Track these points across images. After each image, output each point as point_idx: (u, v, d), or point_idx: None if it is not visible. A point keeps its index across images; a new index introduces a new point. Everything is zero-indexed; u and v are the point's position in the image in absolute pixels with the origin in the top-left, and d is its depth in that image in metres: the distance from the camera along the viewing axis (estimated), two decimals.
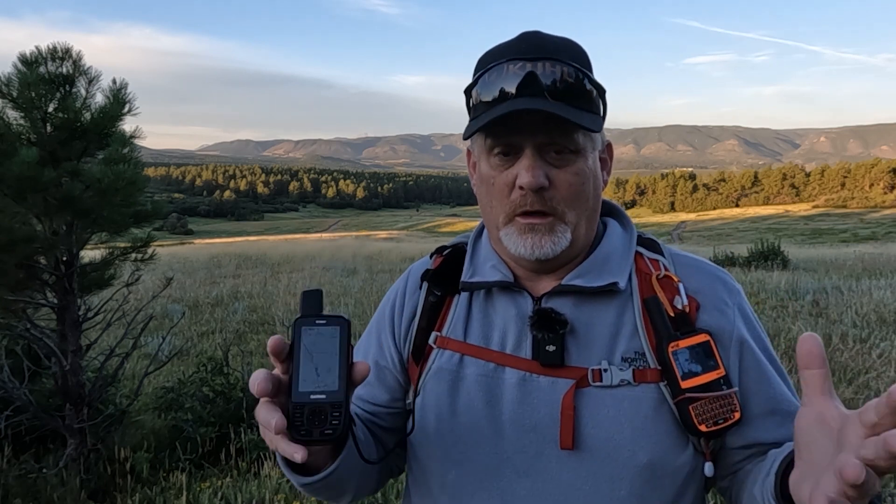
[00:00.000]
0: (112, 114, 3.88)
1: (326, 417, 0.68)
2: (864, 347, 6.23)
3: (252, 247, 27.18)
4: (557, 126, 0.81)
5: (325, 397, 0.68)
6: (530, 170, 0.81)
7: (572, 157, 0.84)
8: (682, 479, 0.85)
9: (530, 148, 0.82)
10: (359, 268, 15.72)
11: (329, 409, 0.68)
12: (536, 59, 0.81)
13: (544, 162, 0.83)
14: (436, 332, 0.94)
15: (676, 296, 0.87)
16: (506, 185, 0.85)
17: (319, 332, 0.70)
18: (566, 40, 0.85)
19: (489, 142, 0.86)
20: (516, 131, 0.82)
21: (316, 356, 0.70)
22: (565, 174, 0.83)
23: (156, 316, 7.36)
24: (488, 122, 0.81)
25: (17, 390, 3.79)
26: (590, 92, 0.83)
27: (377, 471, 0.96)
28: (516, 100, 0.80)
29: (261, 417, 0.68)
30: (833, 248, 27.92)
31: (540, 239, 0.84)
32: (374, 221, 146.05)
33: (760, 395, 0.87)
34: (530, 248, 0.85)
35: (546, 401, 0.85)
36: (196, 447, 4.27)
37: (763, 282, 10.42)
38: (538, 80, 0.80)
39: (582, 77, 0.82)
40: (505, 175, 0.85)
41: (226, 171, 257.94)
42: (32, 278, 3.87)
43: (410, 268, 1.06)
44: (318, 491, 0.83)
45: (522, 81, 0.80)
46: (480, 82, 0.84)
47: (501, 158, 0.85)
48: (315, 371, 0.69)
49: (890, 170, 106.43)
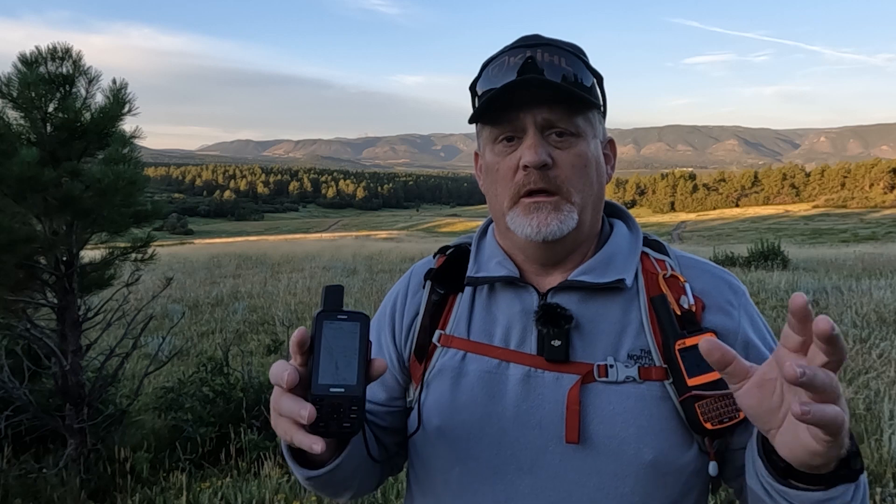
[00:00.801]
0: (112, 114, 3.88)
1: (345, 411, 0.69)
2: (864, 347, 6.23)
3: (252, 247, 27.19)
4: (559, 105, 0.83)
5: (343, 391, 0.69)
6: (532, 147, 0.83)
7: (573, 139, 0.86)
8: (687, 477, 0.85)
9: (532, 127, 0.84)
10: (359, 268, 15.73)
11: (347, 403, 0.69)
12: (535, 45, 0.85)
13: (547, 143, 0.85)
14: (439, 331, 0.95)
15: (683, 295, 0.88)
16: (510, 168, 0.87)
17: (340, 327, 0.71)
18: (565, 40, 0.89)
19: (493, 129, 0.88)
20: (518, 112, 0.84)
21: (336, 351, 0.70)
22: (568, 155, 0.85)
23: (156, 316, 7.36)
24: (491, 99, 0.84)
25: (17, 390, 3.79)
26: (587, 77, 0.86)
27: (379, 469, 0.96)
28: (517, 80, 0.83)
29: (285, 407, 0.68)
30: (833, 248, 27.93)
31: (546, 217, 0.85)
32: (374, 221, 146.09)
33: None
34: (536, 227, 0.85)
35: (551, 396, 0.85)
36: (196, 447, 4.27)
37: (763, 282, 10.42)
38: (536, 64, 0.83)
39: (577, 62, 0.85)
40: (509, 159, 0.87)
41: (226, 171, 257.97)
42: (32, 278, 3.87)
43: (412, 268, 1.06)
44: (322, 486, 0.83)
45: (523, 66, 0.83)
46: (483, 76, 0.88)
47: (505, 144, 0.87)
48: (335, 365, 0.70)
49: (890, 170, 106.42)
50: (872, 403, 4.68)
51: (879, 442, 3.95)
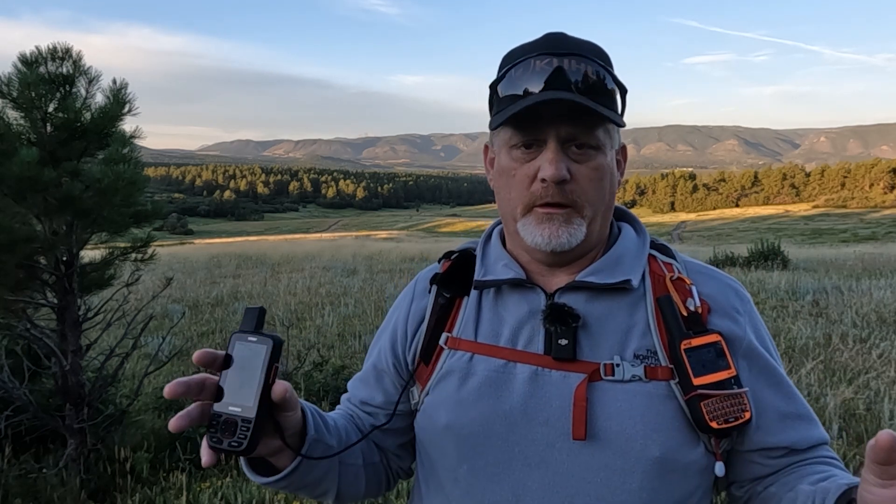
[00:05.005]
0: (112, 114, 3.87)
1: (236, 430, 0.71)
2: (864, 347, 6.23)
3: (252, 247, 27.18)
4: (582, 119, 0.83)
5: (239, 411, 0.72)
6: (554, 163, 0.83)
7: (593, 152, 0.86)
8: (693, 476, 0.85)
9: (553, 141, 0.84)
10: (359, 268, 15.72)
11: (240, 423, 0.71)
12: (563, 54, 0.83)
13: (565, 156, 0.85)
14: (446, 333, 0.95)
15: (689, 297, 0.88)
16: (527, 176, 0.86)
17: (249, 348, 0.73)
18: (590, 41, 0.88)
19: (513, 134, 0.87)
20: (542, 123, 0.84)
21: (243, 370, 0.73)
22: (586, 169, 0.85)
23: (156, 316, 7.36)
24: (517, 113, 0.83)
25: (17, 390, 3.79)
26: (612, 91, 0.85)
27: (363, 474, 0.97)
28: (544, 92, 0.82)
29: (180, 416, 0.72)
30: (833, 248, 27.93)
31: (557, 229, 0.86)
32: (374, 221, 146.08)
33: (772, 399, 0.88)
34: (547, 238, 0.86)
35: (558, 394, 0.85)
36: (196, 447, 4.27)
37: (763, 282, 10.42)
38: (565, 75, 0.82)
39: (605, 75, 0.84)
40: (526, 167, 0.87)
41: (226, 171, 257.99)
42: (32, 278, 3.86)
43: (418, 275, 1.07)
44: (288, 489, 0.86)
45: (551, 75, 0.82)
46: (507, 77, 0.86)
47: (523, 151, 0.87)
48: (238, 384, 0.72)
49: (890, 170, 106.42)
50: (872, 403, 4.68)
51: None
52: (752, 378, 0.88)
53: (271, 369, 0.73)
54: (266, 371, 0.72)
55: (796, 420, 0.88)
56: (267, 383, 0.72)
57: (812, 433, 0.89)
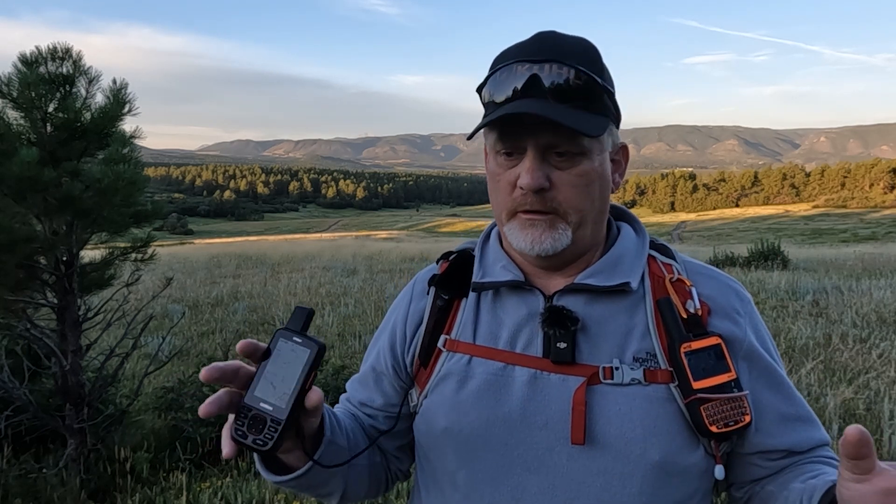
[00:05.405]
0: (112, 114, 3.87)
1: (264, 429, 0.70)
2: (864, 347, 6.22)
3: (252, 247, 27.17)
4: (561, 127, 0.81)
5: (270, 409, 0.71)
6: (530, 172, 0.82)
7: (577, 157, 0.84)
8: (692, 479, 0.85)
9: (532, 149, 0.83)
10: (359, 268, 15.72)
11: (269, 421, 0.71)
12: (543, 61, 0.82)
13: (546, 163, 0.84)
14: (445, 336, 0.95)
15: (689, 299, 0.88)
16: (509, 183, 0.86)
17: (292, 348, 0.73)
18: (580, 41, 0.86)
19: (496, 141, 0.87)
20: (519, 132, 0.83)
21: (281, 369, 0.72)
22: (568, 176, 0.84)
23: (156, 316, 7.36)
24: (490, 123, 0.83)
25: (17, 390, 3.78)
26: (597, 94, 0.84)
27: (367, 475, 0.97)
28: (519, 101, 0.82)
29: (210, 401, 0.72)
30: (833, 248, 27.92)
31: (540, 234, 0.86)
32: (374, 221, 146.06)
33: (772, 402, 0.88)
34: (530, 244, 0.86)
35: (557, 397, 0.85)
36: (196, 447, 4.27)
37: (763, 282, 10.42)
38: (541, 83, 0.81)
39: (588, 79, 0.82)
40: (508, 174, 0.86)
41: (226, 171, 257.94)
42: (32, 278, 3.86)
43: (416, 276, 1.07)
44: (296, 489, 0.86)
45: (525, 83, 0.82)
46: (490, 82, 0.86)
47: (506, 157, 0.87)
48: (274, 382, 0.72)
49: (890, 170, 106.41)
50: (872, 403, 4.68)
51: (879, 442, 3.95)
52: (752, 380, 0.87)
53: (310, 375, 0.72)
54: (305, 376, 0.72)
55: (797, 422, 0.88)
56: (304, 388, 0.72)
57: (812, 435, 0.89)
